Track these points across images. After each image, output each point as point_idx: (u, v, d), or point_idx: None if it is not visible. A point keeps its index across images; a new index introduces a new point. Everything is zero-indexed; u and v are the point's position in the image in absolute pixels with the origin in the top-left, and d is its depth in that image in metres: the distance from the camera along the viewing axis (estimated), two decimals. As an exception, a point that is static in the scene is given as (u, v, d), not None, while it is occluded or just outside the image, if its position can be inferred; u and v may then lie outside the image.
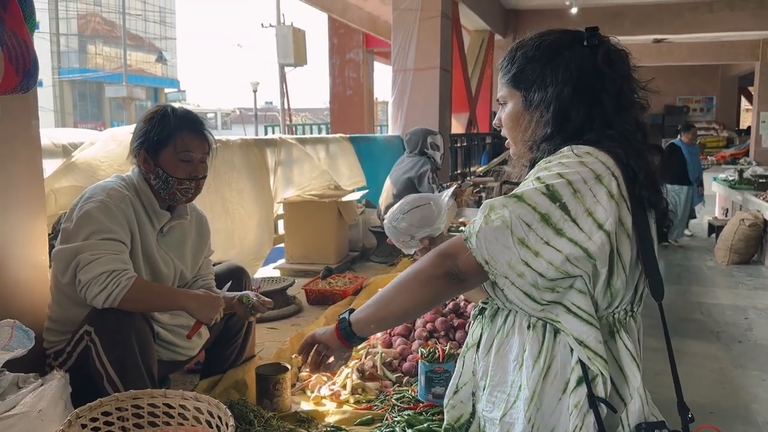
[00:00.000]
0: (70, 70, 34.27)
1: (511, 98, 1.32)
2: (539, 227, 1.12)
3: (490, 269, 1.16)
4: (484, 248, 1.15)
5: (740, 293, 6.37)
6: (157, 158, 2.05)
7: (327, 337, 1.39)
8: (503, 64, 1.34)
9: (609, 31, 1.31)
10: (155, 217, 2.10)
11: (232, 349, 2.37)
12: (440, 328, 2.62)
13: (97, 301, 1.84)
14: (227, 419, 1.48)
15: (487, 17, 9.07)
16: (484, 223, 1.15)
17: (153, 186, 2.08)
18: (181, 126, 2.06)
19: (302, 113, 33.54)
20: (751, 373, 4.29)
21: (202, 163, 2.12)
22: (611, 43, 1.27)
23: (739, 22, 9.62)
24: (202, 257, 2.33)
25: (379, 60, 10.77)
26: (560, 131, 1.23)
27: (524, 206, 1.13)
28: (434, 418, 2.01)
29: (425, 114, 6.51)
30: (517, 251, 1.13)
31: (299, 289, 3.59)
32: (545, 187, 1.13)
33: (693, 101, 17.01)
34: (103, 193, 1.98)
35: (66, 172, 2.63)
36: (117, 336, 1.86)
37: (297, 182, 4.41)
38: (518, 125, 1.31)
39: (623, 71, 1.26)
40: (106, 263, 1.85)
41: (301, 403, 2.21)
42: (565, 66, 1.23)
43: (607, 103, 1.22)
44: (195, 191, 2.12)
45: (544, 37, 1.28)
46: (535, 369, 1.19)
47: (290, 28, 11.94)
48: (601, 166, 1.15)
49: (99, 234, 1.90)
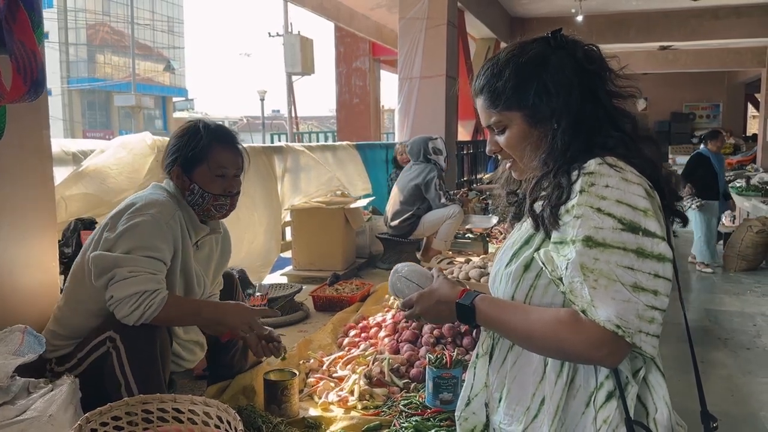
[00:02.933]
0: (79, 80, 34.54)
1: (511, 121, 1.24)
2: (643, 264, 1.06)
3: (625, 332, 1.05)
4: (610, 313, 1.05)
5: (748, 300, 6.34)
6: (191, 174, 2.05)
7: (447, 296, 1.31)
8: (488, 89, 1.25)
9: (615, 38, 1.31)
10: (194, 231, 2.09)
11: (233, 353, 2.36)
12: (447, 335, 2.62)
13: (129, 320, 1.83)
14: (236, 424, 1.49)
15: (493, 25, 9.10)
16: (591, 289, 1.06)
17: (188, 202, 2.07)
18: (214, 141, 2.05)
19: (309, 121, 33.62)
20: (760, 380, 4.27)
21: (236, 177, 2.11)
22: (579, 41, 1.24)
23: (746, 29, 9.61)
24: (221, 273, 2.33)
25: (385, 68, 10.82)
26: (575, 138, 1.17)
27: (614, 251, 1.06)
28: (442, 424, 2.01)
29: (432, 121, 6.54)
30: (639, 298, 1.05)
31: (307, 296, 3.61)
32: (618, 221, 1.07)
33: (699, 108, 16.96)
34: (155, 207, 1.95)
35: (76, 180, 2.66)
36: (143, 346, 1.86)
37: (304, 189, 4.44)
38: (528, 145, 1.23)
39: (604, 65, 1.23)
40: (141, 282, 1.83)
41: (309, 409, 2.21)
42: (561, 72, 1.19)
43: (605, 100, 1.20)
44: (230, 207, 2.12)
45: (522, 50, 1.23)
46: (558, 383, 1.17)
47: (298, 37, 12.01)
48: (640, 177, 1.13)
49: (142, 250, 1.88)
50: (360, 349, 2.66)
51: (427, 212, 4.60)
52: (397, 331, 2.77)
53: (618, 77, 1.23)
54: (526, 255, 1.20)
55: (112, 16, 37.11)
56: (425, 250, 4.73)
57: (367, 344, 2.71)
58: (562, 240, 1.12)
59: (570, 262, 1.08)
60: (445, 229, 4.56)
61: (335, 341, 2.89)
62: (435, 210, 4.57)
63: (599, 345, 1.07)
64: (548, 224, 1.14)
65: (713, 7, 9.32)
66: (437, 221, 4.57)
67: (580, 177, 1.12)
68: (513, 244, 1.25)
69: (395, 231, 4.64)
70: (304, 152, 4.48)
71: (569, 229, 1.10)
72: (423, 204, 4.59)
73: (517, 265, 1.21)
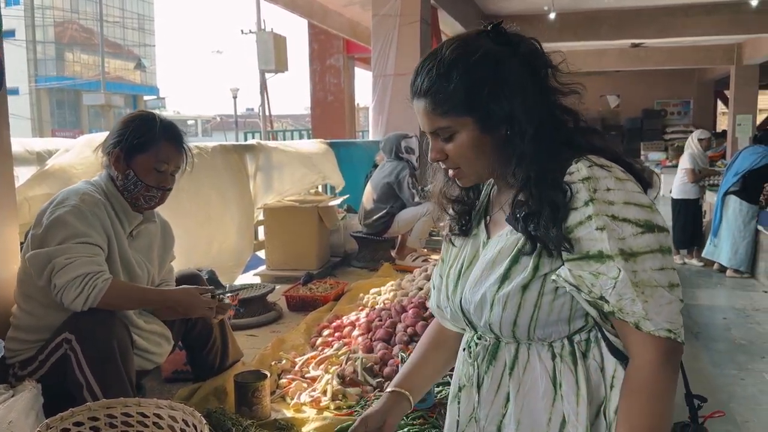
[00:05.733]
0: (47, 78, 33.85)
1: (460, 126, 1.14)
2: (666, 260, 1.06)
3: (676, 333, 1.05)
4: (661, 320, 1.04)
5: (719, 293, 6.44)
6: (130, 160, 2.06)
7: None
8: (426, 92, 1.15)
9: (587, 35, 1.27)
10: (126, 219, 2.11)
11: (214, 354, 2.38)
12: (421, 332, 2.60)
13: (76, 305, 1.83)
14: (202, 427, 1.46)
15: (467, 23, 9.11)
16: (644, 303, 1.03)
17: (119, 186, 2.08)
18: (164, 136, 2.09)
19: (283, 119, 33.43)
20: (730, 372, 4.34)
21: (172, 175, 2.14)
22: (521, 35, 1.16)
23: (715, 27, 9.74)
24: (166, 262, 2.34)
25: (359, 66, 10.76)
26: (540, 143, 1.10)
27: (645, 257, 1.04)
28: (415, 422, 2.00)
29: (406, 119, 6.49)
30: (675, 296, 1.06)
31: (280, 296, 3.57)
32: (635, 225, 1.05)
33: (670, 105, 17.18)
34: (76, 197, 1.97)
35: (40, 180, 2.58)
36: (99, 343, 1.84)
37: (277, 188, 4.39)
38: (480, 152, 1.15)
39: (547, 60, 1.16)
40: (81, 266, 1.84)
41: (281, 410, 2.18)
42: (514, 72, 1.11)
43: (553, 97, 1.14)
44: (159, 201, 2.15)
45: (467, 48, 1.14)
46: (580, 403, 1.12)
47: (271, 34, 11.89)
48: (625, 171, 1.11)
49: (73, 238, 1.88)
50: (333, 349, 2.63)
51: (401, 210, 4.58)
52: (371, 329, 2.75)
53: (561, 73, 1.16)
54: (524, 276, 1.11)
55: (80, 14, 36.43)
56: (400, 248, 4.71)
57: (340, 344, 2.69)
58: (586, 255, 1.06)
59: (618, 281, 1.03)
60: (419, 227, 4.54)
61: (308, 341, 2.86)
62: (409, 208, 4.56)
63: (666, 358, 1.06)
64: (555, 244, 1.07)
65: (684, 5, 9.44)
66: (411, 219, 4.55)
67: (579, 185, 1.07)
68: (493, 263, 1.16)
69: (370, 229, 4.62)
70: (277, 149, 4.43)
71: (596, 243, 1.05)
72: (397, 202, 4.57)
73: (513, 286, 1.12)
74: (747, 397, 3.94)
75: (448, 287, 1.27)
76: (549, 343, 1.15)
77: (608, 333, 1.12)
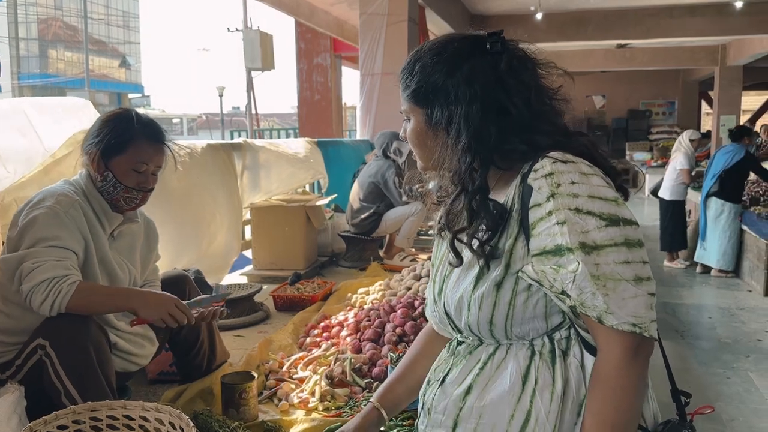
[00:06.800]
0: (30, 76, 33.53)
1: (414, 114, 1.22)
2: (633, 254, 1.04)
3: (642, 328, 1.03)
4: (625, 313, 1.03)
5: (704, 292, 6.49)
6: (108, 161, 2.00)
7: None
8: (403, 76, 1.23)
9: (574, 36, 1.27)
10: (107, 220, 2.05)
11: (201, 356, 2.34)
12: (410, 332, 2.59)
13: (43, 310, 1.78)
14: (189, 430, 1.44)
15: (454, 22, 9.12)
16: (605, 296, 1.02)
17: (98, 188, 2.03)
18: (141, 134, 2.02)
19: (270, 118, 33.32)
20: (716, 371, 4.37)
21: (153, 175, 2.08)
22: (515, 49, 1.18)
23: (699, 28, 9.82)
24: (150, 262, 2.29)
25: (347, 65, 10.74)
26: (479, 150, 1.13)
27: (608, 250, 1.03)
28: (404, 423, 1.98)
29: (394, 118, 6.50)
30: (642, 290, 1.04)
31: (267, 296, 3.54)
32: (599, 218, 1.04)
33: (656, 105, 17.33)
34: (52, 198, 1.91)
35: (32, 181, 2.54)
36: (74, 349, 1.79)
37: (264, 187, 4.36)
38: (424, 143, 1.22)
39: (528, 80, 1.16)
40: (46, 270, 1.79)
41: (268, 411, 2.16)
42: (468, 82, 1.13)
43: (516, 114, 1.13)
44: (140, 202, 2.09)
45: (443, 48, 1.18)
46: (554, 400, 1.11)
47: (257, 32, 11.82)
48: (591, 166, 1.10)
49: (44, 242, 1.83)
50: (321, 349, 2.61)
51: (388, 210, 4.57)
52: (359, 330, 2.73)
53: (546, 93, 1.18)
54: (497, 274, 1.12)
55: (64, 11, 36.10)
56: (388, 248, 4.70)
57: (328, 344, 2.67)
58: (544, 250, 1.06)
59: (578, 274, 1.03)
60: (407, 226, 4.54)
61: (296, 342, 2.84)
62: (397, 207, 4.55)
63: (632, 353, 1.04)
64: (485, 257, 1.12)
65: (668, 6, 9.52)
66: (399, 219, 4.54)
67: (542, 181, 1.07)
68: (469, 264, 1.17)
69: (357, 229, 4.60)
70: (264, 148, 4.39)
71: (555, 237, 1.05)
72: (384, 201, 4.56)
73: (487, 286, 1.13)
74: (733, 395, 3.97)
75: (434, 291, 1.28)
76: (529, 341, 1.15)
77: (580, 329, 1.12)
